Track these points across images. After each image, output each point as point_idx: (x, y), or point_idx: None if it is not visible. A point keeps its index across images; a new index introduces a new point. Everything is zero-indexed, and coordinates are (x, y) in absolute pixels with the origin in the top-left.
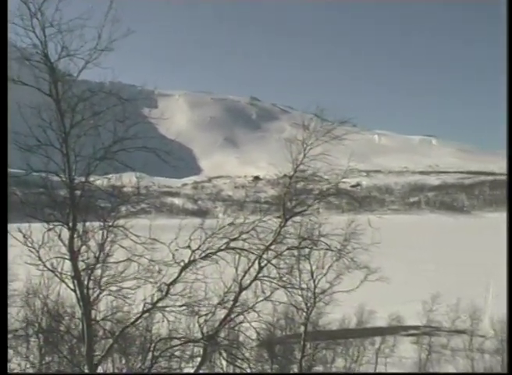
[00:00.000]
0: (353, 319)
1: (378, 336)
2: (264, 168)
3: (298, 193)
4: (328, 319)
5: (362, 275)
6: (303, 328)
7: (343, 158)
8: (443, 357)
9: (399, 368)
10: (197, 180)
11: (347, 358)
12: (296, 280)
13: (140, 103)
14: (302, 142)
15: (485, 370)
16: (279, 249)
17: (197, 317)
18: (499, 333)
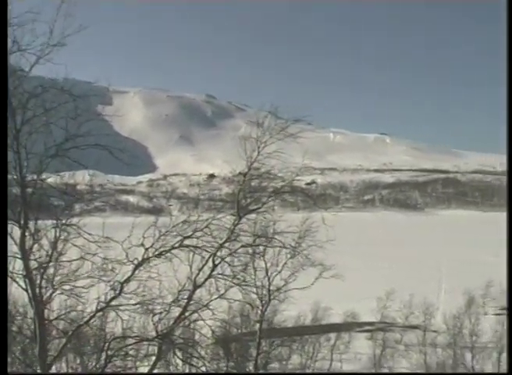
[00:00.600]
0: (309, 316)
1: (334, 332)
2: (220, 166)
3: (253, 190)
4: (284, 317)
5: (317, 272)
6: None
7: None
8: (397, 352)
9: (353, 364)
10: (153, 177)
11: (303, 354)
12: (250, 277)
13: (94, 100)
14: (256, 140)
15: (438, 365)
16: (233, 247)
17: (151, 316)
18: (451, 328)
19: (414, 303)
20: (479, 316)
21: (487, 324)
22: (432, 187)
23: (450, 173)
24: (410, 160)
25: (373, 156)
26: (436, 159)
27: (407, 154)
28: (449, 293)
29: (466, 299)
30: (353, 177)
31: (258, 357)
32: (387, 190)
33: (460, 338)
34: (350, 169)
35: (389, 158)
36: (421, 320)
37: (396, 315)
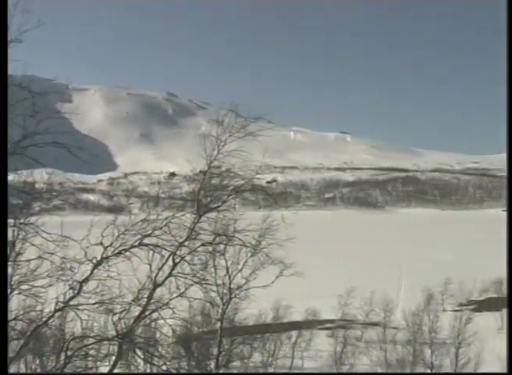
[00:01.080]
0: (270, 314)
1: (295, 330)
2: (181, 164)
3: (213, 189)
4: (245, 315)
5: (277, 270)
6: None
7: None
8: (358, 349)
9: (315, 361)
10: (113, 176)
11: (264, 352)
12: (211, 276)
13: (54, 97)
14: (216, 138)
15: (398, 361)
16: (193, 245)
17: (111, 315)
18: (411, 324)
19: (374, 300)
20: (438, 312)
21: (445, 321)
22: (392, 185)
23: (410, 171)
24: (370, 159)
25: (334, 155)
26: (396, 158)
27: (367, 153)
28: (409, 290)
29: (425, 296)
30: (314, 176)
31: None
32: (348, 188)
33: (419, 335)
34: (310, 168)
35: (350, 157)
36: (381, 317)
37: (356, 312)
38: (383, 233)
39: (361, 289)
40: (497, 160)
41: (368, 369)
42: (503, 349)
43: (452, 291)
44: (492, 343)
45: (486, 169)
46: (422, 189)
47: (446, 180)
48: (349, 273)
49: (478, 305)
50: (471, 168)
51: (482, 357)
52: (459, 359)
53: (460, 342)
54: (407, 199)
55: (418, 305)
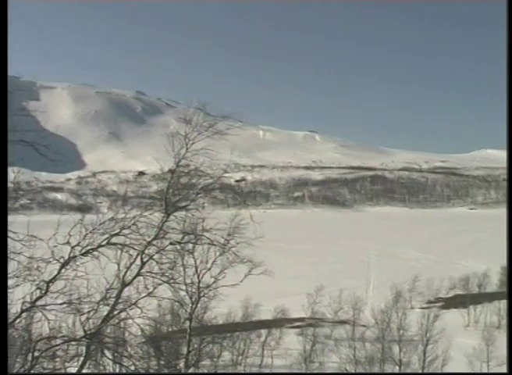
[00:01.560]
0: (239, 312)
1: (264, 329)
2: (149, 163)
3: (181, 188)
4: (214, 314)
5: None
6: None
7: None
8: (327, 347)
9: (284, 359)
10: (81, 174)
11: (234, 351)
12: (180, 275)
13: (21, 95)
14: (184, 137)
15: (366, 358)
16: (161, 244)
17: (79, 315)
18: (380, 322)
19: (343, 298)
20: (406, 310)
21: (413, 318)
22: (361, 184)
23: (378, 170)
24: (339, 158)
25: (302, 153)
26: (364, 157)
27: (336, 151)
28: (378, 288)
29: (393, 294)
30: (283, 174)
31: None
32: (316, 187)
33: (387, 332)
34: (279, 167)
35: (319, 156)
36: (350, 315)
37: (325, 310)
38: (352, 232)
39: (330, 287)
40: (464, 159)
41: (338, 367)
42: (470, 346)
43: (420, 288)
44: (460, 340)
45: (453, 168)
46: (390, 188)
47: (413, 179)
48: (318, 271)
49: (445, 303)
50: (439, 167)
51: (449, 354)
52: (427, 356)
53: (428, 339)
54: (376, 198)
55: (387, 303)
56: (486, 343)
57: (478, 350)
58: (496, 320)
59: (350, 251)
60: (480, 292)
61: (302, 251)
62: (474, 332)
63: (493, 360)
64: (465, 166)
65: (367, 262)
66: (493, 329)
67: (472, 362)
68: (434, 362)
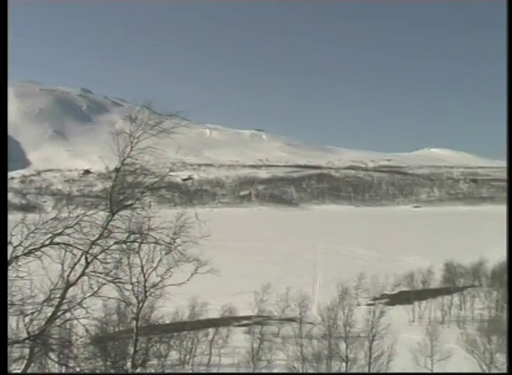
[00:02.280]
0: (186, 311)
1: (212, 327)
2: (95, 161)
3: (127, 186)
4: (161, 313)
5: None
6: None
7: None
8: (275, 345)
9: (232, 358)
10: (25, 173)
11: (181, 350)
12: (125, 274)
13: None
14: (130, 135)
15: (314, 355)
16: (106, 244)
17: (22, 316)
18: (326, 319)
19: (290, 296)
20: (352, 307)
21: (360, 314)
22: (307, 182)
23: (324, 168)
24: (285, 156)
25: (249, 152)
26: (311, 156)
27: (282, 150)
28: (324, 285)
29: (340, 291)
30: (230, 173)
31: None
32: (263, 185)
33: (334, 329)
34: (226, 165)
35: (265, 154)
36: (297, 313)
37: (272, 308)
38: (298, 230)
39: (277, 285)
40: (409, 158)
41: (285, 365)
42: (414, 341)
43: (365, 285)
44: (405, 335)
45: (398, 166)
46: (336, 186)
47: (359, 177)
48: (265, 269)
49: (390, 299)
50: (384, 165)
51: (395, 349)
52: (373, 352)
53: (374, 335)
54: (322, 196)
55: (333, 300)
56: (430, 338)
57: (422, 345)
58: (439, 315)
59: (297, 250)
60: (424, 288)
61: (249, 249)
62: (418, 327)
63: (437, 354)
64: (410, 164)
65: (313, 260)
66: (437, 324)
67: (417, 357)
68: (380, 357)
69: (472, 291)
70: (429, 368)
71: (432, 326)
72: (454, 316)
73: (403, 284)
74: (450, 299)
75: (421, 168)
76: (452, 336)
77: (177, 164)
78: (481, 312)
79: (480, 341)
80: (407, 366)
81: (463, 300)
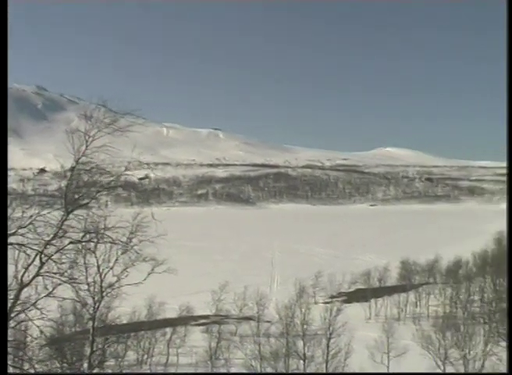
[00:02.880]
0: (144, 311)
1: (169, 327)
2: (51, 160)
3: (82, 185)
4: (118, 313)
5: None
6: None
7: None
8: (232, 344)
9: (190, 357)
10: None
11: (139, 350)
12: (81, 274)
13: None
14: (85, 134)
15: (271, 354)
16: (61, 243)
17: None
18: (284, 317)
19: (247, 295)
20: (310, 305)
21: (317, 313)
22: (264, 181)
23: (281, 167)
24: (242, 155)
25: (206, 151)
26: (268, 154)
27: (239, 149)
28: (281, 284)
29: (297, 289)
30: (187, 172)
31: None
32: (220, 184)
33: (292, 327)
34: (183, 164)
35: (222, 153)
36: (254, 311)
37: (230, 307)
38: (255, 229)
39: (235, 284)
40: (365, 157)
41: (243, 363)
42: (371, 338)
43: (323, 283)
44: (361, 332)
45: (355, 165)
46: (293, 185)
47: (316, 176)
48: (222, 268)
49: (347, 297)
50: (341, 164)
51: (352, 346)
52: (330, 349)
53: (331, 333)
54: (279, 195)
55: (291, 299)
56: (386, 335)
57: (378, 342)
58: (395, 313)
59: (254, 248)
60: (380, 286)
61: (206, 248)
62: (375, 325)
63: (393, 351)
64: (366, 163)
65: (271, 259)
66: (393, 321)
67: (373, 354)
68: (337, 355)
69: (427, 288)
70: (386, 364)
71: (388, 324)
72: (410, 312)
73: (359, 282)
74: (406, 296)
75: (377, 167)
76: (407, 332)
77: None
78: (436, 309)
79: (435, 337)
80: (364, 362)
81: (418, 297)
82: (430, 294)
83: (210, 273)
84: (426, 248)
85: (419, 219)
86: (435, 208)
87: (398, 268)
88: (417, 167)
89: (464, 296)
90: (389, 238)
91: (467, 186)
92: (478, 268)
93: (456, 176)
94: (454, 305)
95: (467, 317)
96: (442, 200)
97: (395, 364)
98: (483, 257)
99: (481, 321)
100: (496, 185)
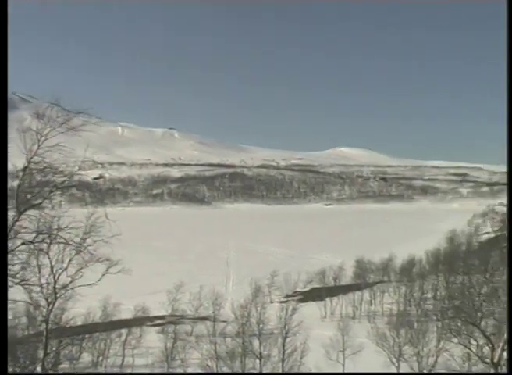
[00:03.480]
0: (98, 312)
1: (125, 328)
2: None
3: (35, 185)
4: (72, 315)
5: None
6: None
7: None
8: (188, 344)
9: (146, 358)
10: None
11: (94, 352)
12: (35, 276)
13: None
14: (37, 133)
15: (228, 353)
16: (12, 245)
17: None
18: (240, 317)
19: (203, 295)
20: (265, 304)
21: (272, 312)
22: (219, 181)
23: (237, 167)
24: (198, 155)
25: (161, 151)
26: (223, 154)
27: (194, 149)
28: (237, 284)
29: (253, 289)
30: (142, 172)
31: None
32: (175, 184)
33: (247, 327)
34: (138, 164)
35: (178, 153)
36: (210, 311)
37: (186, 307)
38: (211, 229)
39: (190, 284)
40: (320, 157)
41: (199, 363)
42: (326, 336)
43: (278, 283)
44: (317, 331)
45: (310, 165)
46: (249, 185)
47: (271, 176)
48: (178, 268)
49: (303, 296)
50: (296, 164)
51: (308, 345)
52: (286, 348)
53: (287, 332)
54: (234, 194)
55: (246, 298)
56: (342, 333)
57: (334, 340)
58: (350, 311)
59: (210, 248)
60: (336, 285)
61: (161, 248)
62: (330, 323)
63: (348, 349)
64: (321, 163)
65: (226, 259)
66: (348, 319)
67: (329, 352)
68: (293, 353)
69: (382, 286)
70: (341, 362)
71: (344, 322)
72: (365, 311)
73: (315, 281)
74: (361, 295)
75: (332, 167)
76: (363, 330)
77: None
78: (391, 307)
79: (389, 334)
80: (320, 361)
81: (373, 295)
82: (384, 293)
83: (165, 273)
84: (380, 246)
85: (373, 219)
86: (389, 208)
87: (353, 267)
88: (372, 167)
89: (418, 294)
90: (344, 237)
91: (421, 185)
92: (431, 266)
93: (409, 175)
94: (408, 302)
95: (420, 314)
96: (396, 199)
97: (350, 362)
98: (436, 255)
99: (434, 318)
100: (448, 185)
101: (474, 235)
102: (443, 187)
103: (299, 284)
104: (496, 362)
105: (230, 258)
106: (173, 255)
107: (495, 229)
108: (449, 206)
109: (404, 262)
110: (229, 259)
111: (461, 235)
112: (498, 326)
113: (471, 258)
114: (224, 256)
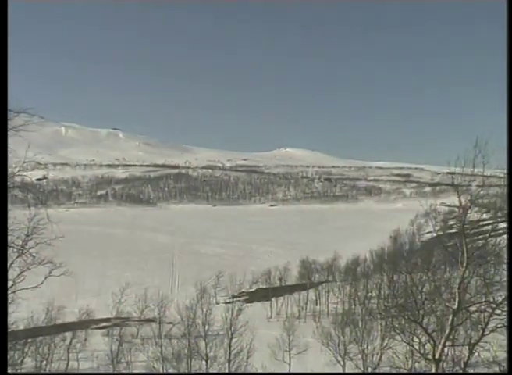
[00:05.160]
0: (42, 316)
1: (69, 331)
2: None
3: None
4: (14, 319)
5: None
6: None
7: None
8: (134, 346)
9: (91, 362)
10: None
11: (37, 357)
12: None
13: None
14: None
15: (174, 355)
16: None
17: None
18: (185, 318)
19: (148, 296)
20: (211, 305)
21: (218, 313)
22: (164, 182)
23: (182, 168)
24: (142, 155)
25: (106, 151)
26: (168, 155)
27: (139, 149)
28: (182, 285)
29: (198, 290)
30: (86, 172)
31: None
32: (120, 185)
33: (193, 328)
34: (82, 164)
35: (122, 154)
36: (156, 313)
37: (131, 309)
38: (156, 230)
39: (135, 286)
40: (265, 157)
41: (145, 365)
42: (272, 336)
43: (224, 283)
44: (263, 331)
45: (255, 166)
46: (194, 185)
47: (217, 177)
48: (122, 270)
49: (249, 296)
50: (241, 165)
51: (254, 345)
52: (232, 349)
53: (233, 332)
54: (180, 195)
55: (192, 299)
56: (288, 333)
57: (280, 340)
58: (296, 311)
59: (155, 249)
60: (281, 285)
61: (105, 250)
62: (276, 323)
63: (294, 348)
64: (266, 164)
65: (171, 260)
66: (294, 319)
67: (275, 352)
68: (239, 354)
69: (327, 286)
70: (287, 362)
71: (289, 322)
72: (310, 310)
73: (260, 282)
74: (306, 295)
75: (277, 167)
76: (308, 330)
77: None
78: (336, 306)
79: (335, 333)
80: (266, 361)
81: (318, 295)
82: (329, 292)
83: (110, 275)
84: (325, 246)
85: (318, 219)
86: (334, 208)
87: (298, 267)
88: (317, 167)
89: (362, 293)
90: (290, 238)
91: (365, 186)
92: (375, 265)
93: (354, 176)
94: (353, 301)
95: (365, 313)
96: (341, 200)
97: (297, 361)
98: (380, 254)
99: (378, 317)
100: (392, 185)
101: (416, 234)
102: (387, 187)
103: (244, 285)
104: (437, 358)
105: (175, 260)
106: (117, 257)
107: (437, 228)
108: (393, 206)
109: (349, 262)
110: (174, 261)
111: (405, 234)
112: (439, 324)
113: (413, 257)
114: (169, 257)
